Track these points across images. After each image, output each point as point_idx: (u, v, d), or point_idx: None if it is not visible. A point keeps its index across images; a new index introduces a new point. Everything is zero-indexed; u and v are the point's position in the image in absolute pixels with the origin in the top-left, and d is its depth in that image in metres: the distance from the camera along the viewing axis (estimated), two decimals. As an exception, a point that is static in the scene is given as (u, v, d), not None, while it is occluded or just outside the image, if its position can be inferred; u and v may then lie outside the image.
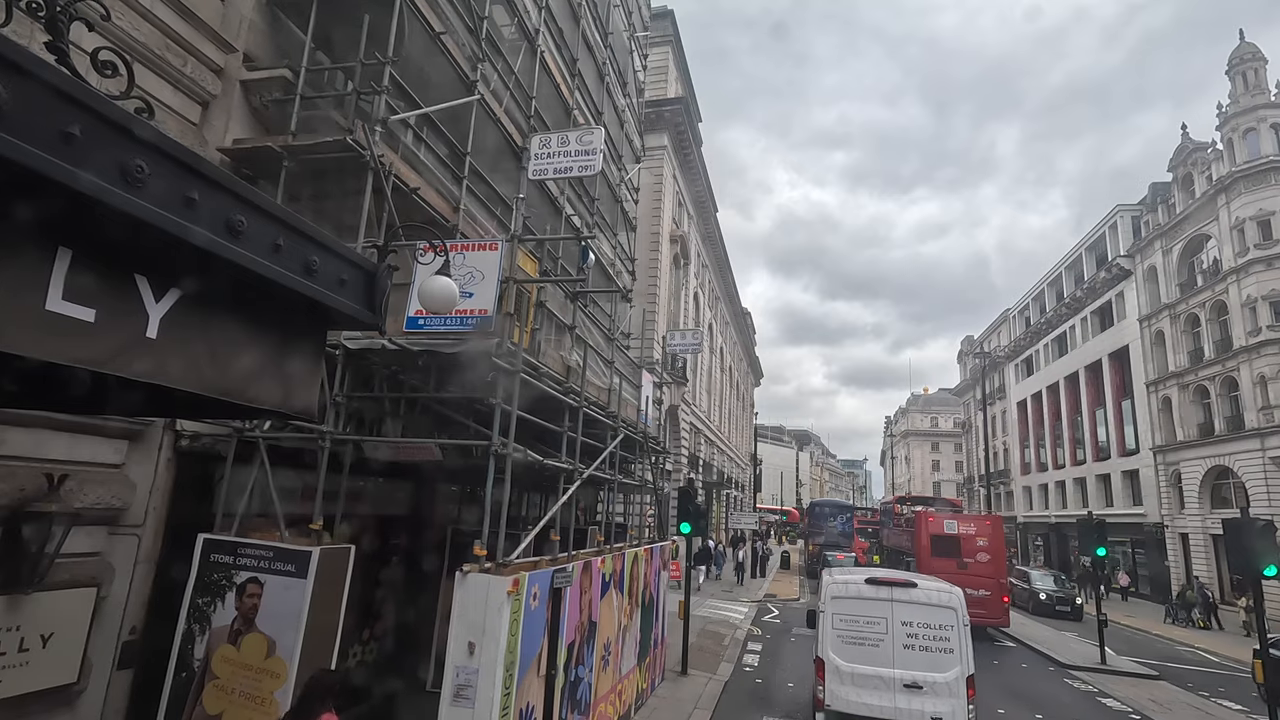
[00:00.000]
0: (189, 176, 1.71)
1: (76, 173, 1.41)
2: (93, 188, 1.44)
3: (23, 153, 1.30)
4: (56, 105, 1.39)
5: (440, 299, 3.68)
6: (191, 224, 1.73)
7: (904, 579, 8.61)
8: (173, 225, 1.66)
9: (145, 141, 1.58)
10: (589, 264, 7.55)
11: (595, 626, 7.31)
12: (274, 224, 2.03)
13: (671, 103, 27.73)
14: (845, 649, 8.15)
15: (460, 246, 5.88)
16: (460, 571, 5.17)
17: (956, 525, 19.35)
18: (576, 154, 6.41)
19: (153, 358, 1.83)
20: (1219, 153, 30.32)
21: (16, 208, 1.43)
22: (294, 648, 5.21)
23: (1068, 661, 15.66)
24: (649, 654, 10.17)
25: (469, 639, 4.98)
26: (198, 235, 1.74)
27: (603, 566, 7.42)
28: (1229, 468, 28.85)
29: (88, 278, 1.63)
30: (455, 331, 5.69)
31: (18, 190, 1.39)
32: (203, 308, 2.03)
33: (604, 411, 8.53)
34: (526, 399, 6.54)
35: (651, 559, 10.30)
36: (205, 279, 1.95)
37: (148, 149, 1.58)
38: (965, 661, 7.82)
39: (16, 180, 1.36)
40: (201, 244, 1.75)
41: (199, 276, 1.93)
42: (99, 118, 1.47)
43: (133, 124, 1.57)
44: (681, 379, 29.22)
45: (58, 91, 1.40)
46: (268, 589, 5.42)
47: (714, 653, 14.17)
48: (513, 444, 5.53)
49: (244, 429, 5.92)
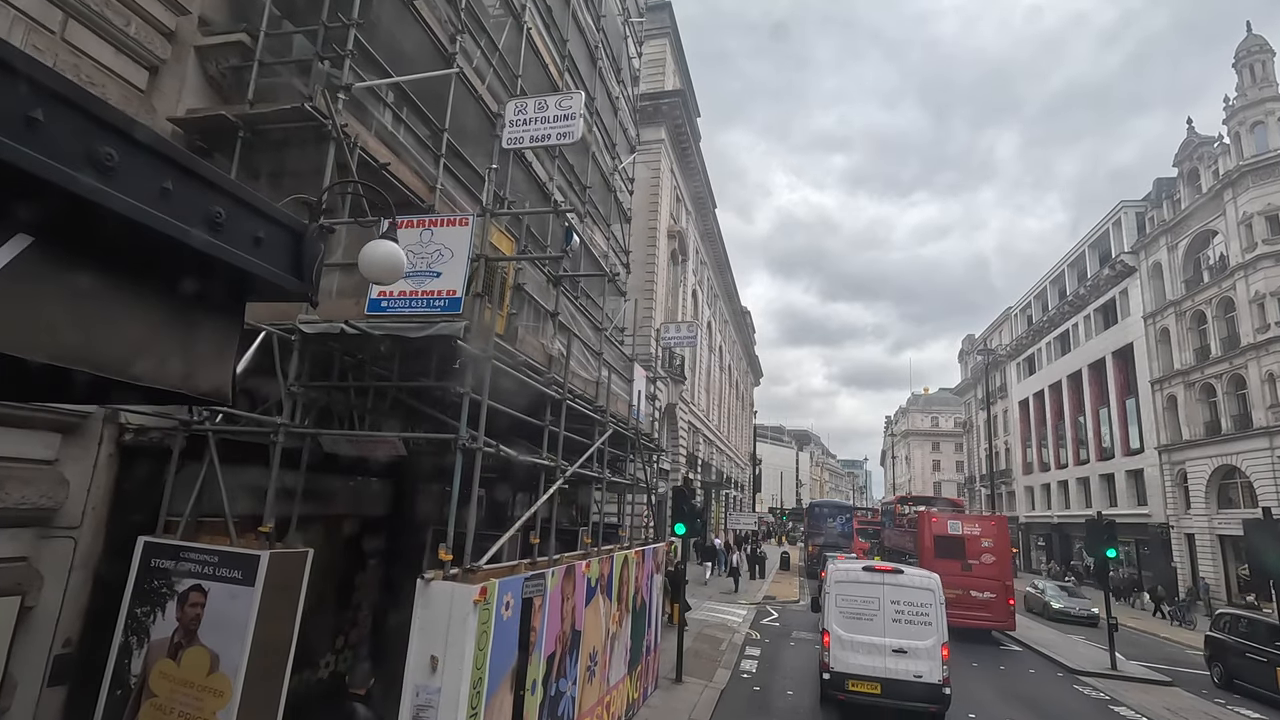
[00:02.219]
0: (31, 89, 1.20)
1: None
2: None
3: None
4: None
5: (384, 266, 3.17)
6: (36, 152, 1.23)
7: (892, 567, 10.79)
8: (9, 152, 1.17)
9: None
10: (573, 246, 7.05)
11: (579, 635, 6.80)
12: (160, 163, 1.53)
13: (669, 95, 27.23)
14: (846, 622, 10.11)
15: (428, 222, 5.38)
16: (422, 579, 4.67)
17: (960, 526, 18.83)
18: (556, 119, 5.90)
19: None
20: (1225, 147, 29.79)
21: None
22: (239, 663, 4.71)
23: (1076, 667, 15.15)
24: (640, 662, 9.67)
25: (430, 654, 4.47)
26: (46, 167, 1.24)
27: (588, 571, 6.91)
28: (1236, 467, 28.33)
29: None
30: (422, 315, 5.18)
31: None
32: (62, 261, 1.54)
33: (591, 405, 8.02)
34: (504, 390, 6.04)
35: (644, 562, 9.79)
36: (64, 224, 1.46)
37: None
38: (940, 632, 9.87)
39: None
40: (53, 179, 1.25)
41: (54, 220, 1.44)
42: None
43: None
44: (679, 377, 28.71)
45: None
46: (212, 598, 4.91)
47: (711, 658, 13.66)
48: (483, 437, 5.02)
49: (192, 421, 5.42)
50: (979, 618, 17.51)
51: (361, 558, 8.87)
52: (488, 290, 5.41)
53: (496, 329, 5.69)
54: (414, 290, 5.29)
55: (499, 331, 5.73)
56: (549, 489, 6.31)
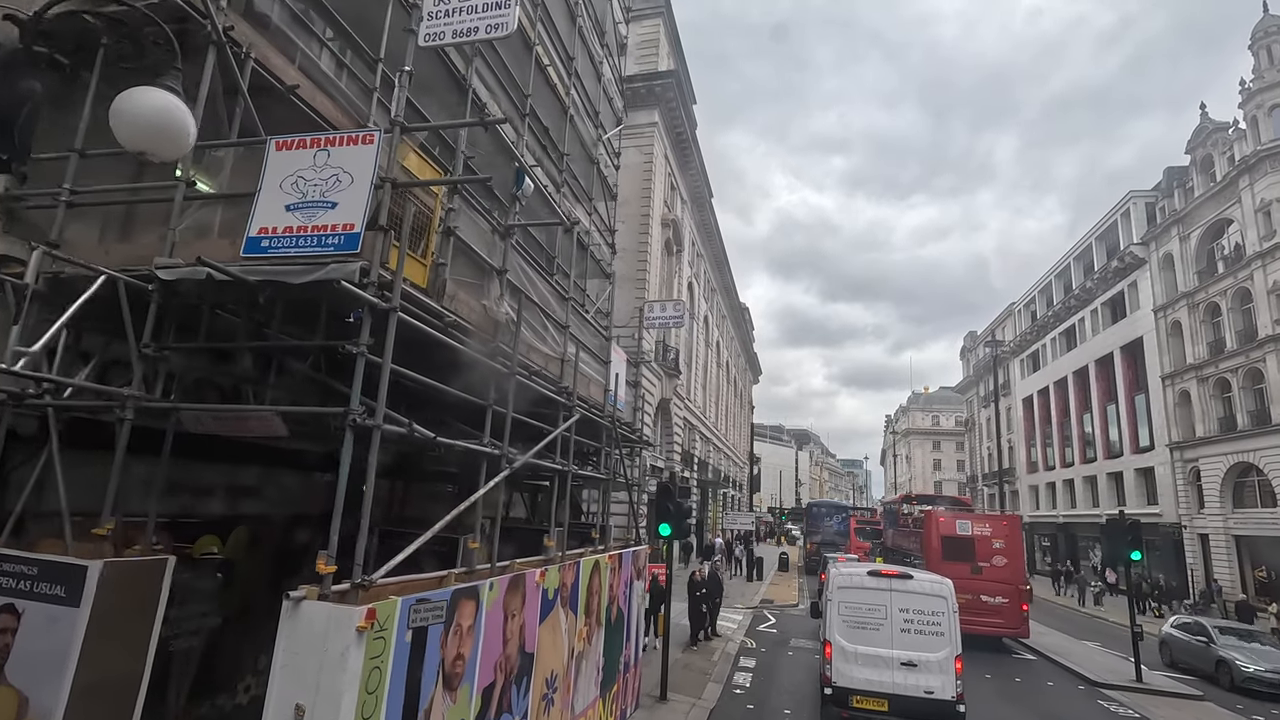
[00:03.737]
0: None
1: None
2: None
3: None
4: None
5: (147, 125, 2.02)
6: None
7: (900, 572, 9.82)
8: None
9: None
10: (525, 191, 5.89)
11: (532, 659, 5.64)
12: None
13: (662, 76, 26.06)
14: (850, 632, 9.17)
15: (323, 140, 4.21)
16: (288, 597, 3.51)
17: (970, 526, 17.64)
18: (485, 8, 4.75)
19: None
20: (1241, 132, 28.63)
21: None
22: (54, 708, 3.55)
23: (1099, 679, 13.97)
24: (616, 681, 8.50)
25: (295, 702, 3.32)
26: None
27: (543, 581, 5.74)
28: (1254, 464, 27.17)
29: None
30: (312, 255, 4.02)
31: None
32: None
33: (554, 386, 6.85)
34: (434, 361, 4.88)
35: (621, 567, 8.63)
36: None
37: None
38: (954, 643, 8.90)
39: None
40: None
41: None
42: None
43: None
44: (674, 371, 27.50)
45: None
46: (26, 621, 3.75)
47: (701, 670, 12.50)
48: (385, 411, 3.86)
49: (23, 394, 4.25)
50: (990, 624, 16.33)
51: (296, 562, 7.72)
52: (399, 227, 4.24)
53: (416, 279, 4.52)
54: (303, 226, 4.13)
55: (420, 283, 4.56)
56: (490, 482, 5.14)
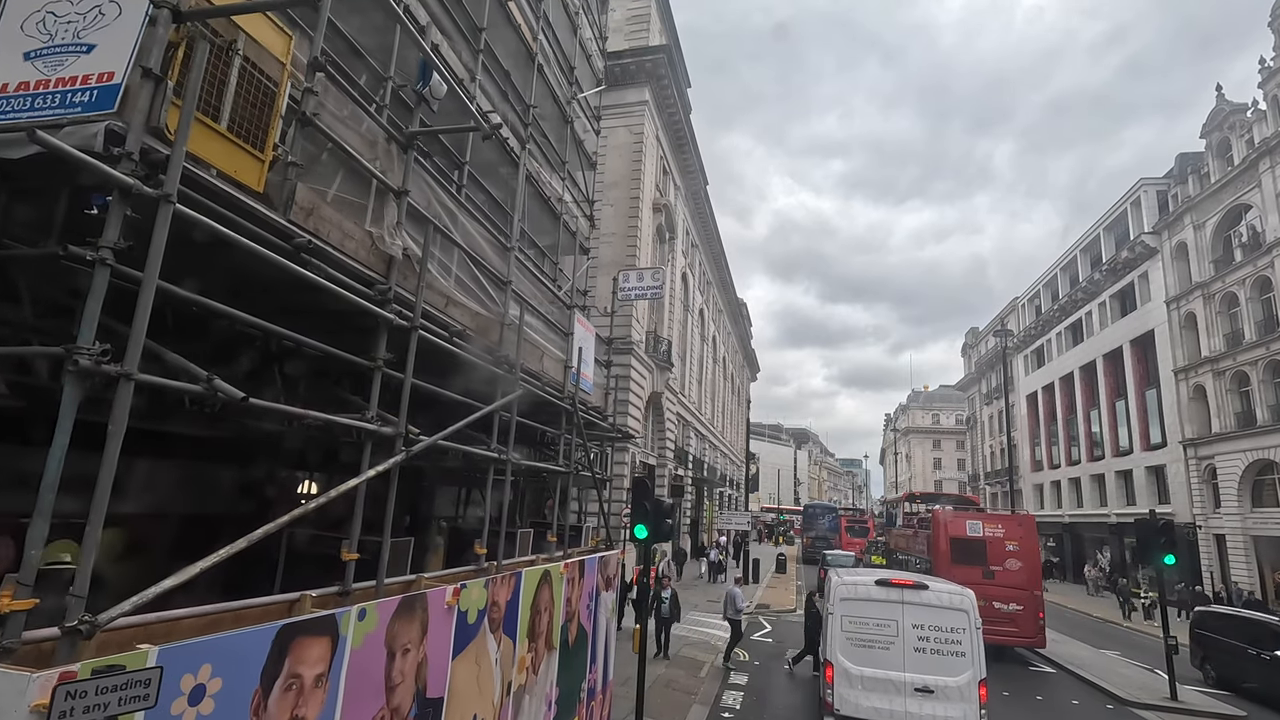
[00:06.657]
0: None
1: None
2: None
3: None
4: None
5: None
6: None
7: (914, 581, 8.59)
8: None
9: None
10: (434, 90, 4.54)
11: (440, 705, 4.27)
12: None
13: (653, 51, 24.67)
14: (854, 652, 8.11)
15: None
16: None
17: (981, 527, 16.28)
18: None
19: None
20: (1261, 113, 27.28)
21: None
22: None
23: (1128, 696, 12.62)
24: (577, 710, 7.14)
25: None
26: None
27: (456, 601, 4.38)
28: (1275, 461, 25.85)
29: None
30: (51, 118, 2.66)
31: None
32: None
33: (490, 353, 5.49)
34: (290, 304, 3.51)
35: (582, 577, 7.26)
36: None
37: None
38: (977, 665, 7.80)
39: None
40: None
41: None
42: None
43: None
44: (666, 363, 26.14)
45: None
46: None
47: (686, 689, 11.14)
48: (141, 344, 2.48)
49: None
50: (1004, 633, 14.97)
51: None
52: (205, 90, 2.87)
53: (245, 178, 3.14)
54: (43, 80, 2.77)
55: (251, 185, 3.19)
56: (371, 471, 3.78)
